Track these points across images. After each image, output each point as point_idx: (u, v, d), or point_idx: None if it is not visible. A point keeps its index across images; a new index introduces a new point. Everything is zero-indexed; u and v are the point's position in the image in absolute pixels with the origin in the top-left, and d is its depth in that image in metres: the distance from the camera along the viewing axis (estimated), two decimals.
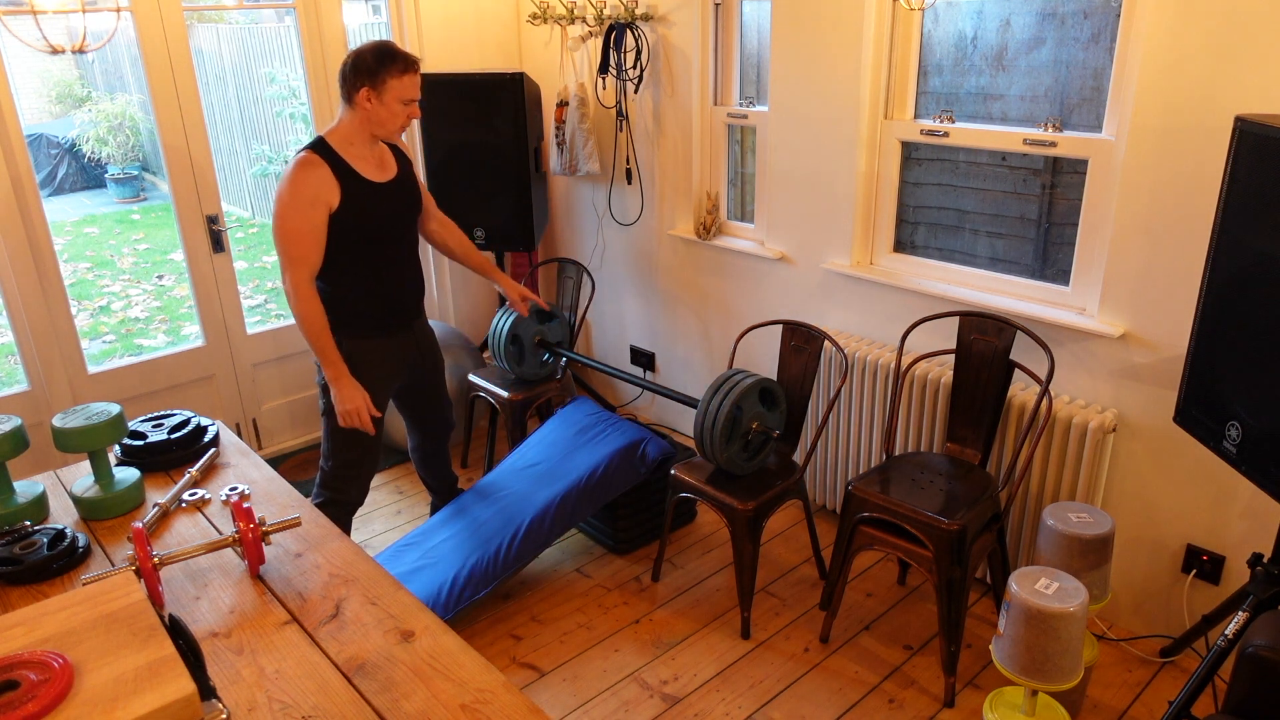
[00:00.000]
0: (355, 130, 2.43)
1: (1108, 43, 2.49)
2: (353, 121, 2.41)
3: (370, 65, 2.33)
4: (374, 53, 2.34)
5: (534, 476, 3.10)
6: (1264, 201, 1.82)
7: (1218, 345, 2.00)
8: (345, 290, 2.52)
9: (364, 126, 2.42)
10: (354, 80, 2.35)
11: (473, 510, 3.04)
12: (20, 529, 1.69)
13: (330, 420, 2.61)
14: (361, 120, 2.40)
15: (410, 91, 2.39)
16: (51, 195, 9.85)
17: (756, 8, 3.39)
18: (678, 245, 3.83)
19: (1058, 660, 2.00)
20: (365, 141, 2.46)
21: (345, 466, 2.66)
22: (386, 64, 2.33)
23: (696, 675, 2.60)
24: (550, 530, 2.87)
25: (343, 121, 2.42)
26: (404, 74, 2.36)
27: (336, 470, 2.66)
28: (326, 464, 2.67)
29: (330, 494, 2.68)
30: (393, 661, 1.40)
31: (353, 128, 2.42)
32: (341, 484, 2.67)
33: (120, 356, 5.72)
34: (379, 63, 2.33)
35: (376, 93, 2.35)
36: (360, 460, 2.67)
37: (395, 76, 2.35)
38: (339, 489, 2.68)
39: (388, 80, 2.35)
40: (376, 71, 2.33)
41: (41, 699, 1.01)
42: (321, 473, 2.70)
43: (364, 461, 2.68)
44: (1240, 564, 2.44)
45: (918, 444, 2.95)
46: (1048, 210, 2.74)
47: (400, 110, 2.40)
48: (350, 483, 2.68)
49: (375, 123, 2.40)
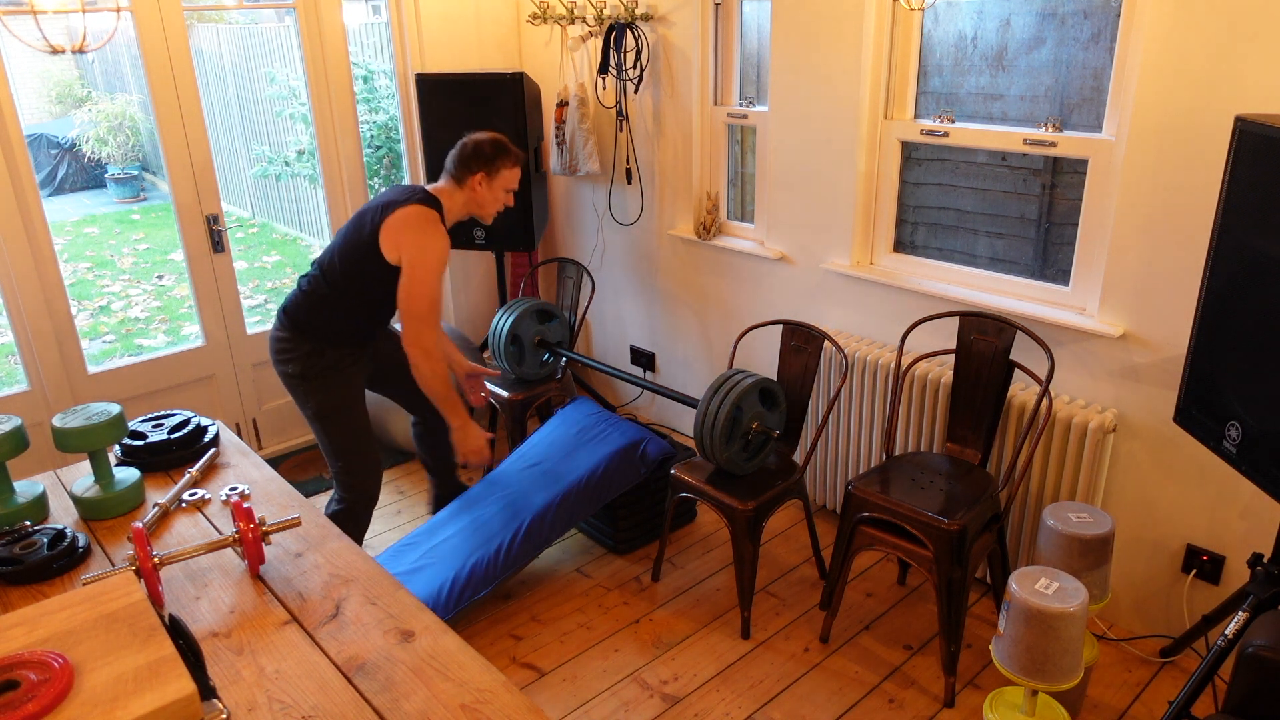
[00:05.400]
0: (458, 205, 2.66)
1: (1108, 43, 2.49)
2: (457, 197, 2.65)
3: (488, 154, 2.60)
4: (492, 144, 2.62)
5: (534, 476, 3.10)
6: (1264, 201, 1.82)
7: (1218, 345, 2.00)
8: (357, 313, 2.63)
9: (466, 204, 2.67)
10: (471, 165, 2.60)
11: (473, 510, 3.04)
12: (20, 529, 1.69)
13: (324, 423, 2.64)
14: (466, 199, 2.65)
15: (514, 182, 2.68)
16: (51, 195, 9.85)
17: (756, 8, 3.39)
18: (678, 245, 3.83)
19: (1058, 660, 2.00)
20: (457, 215, 2.69)
21: (355, 457, 2.69)
22: (502, 156, 2.62)
23: (696, 675, 2.60)
24: (551, 530, 2.87)
25: (447, 192, 2.64)
26: (514, 167, 2.66)
27: (349, 465, 2.70)
28: (337, 463, 2.69)
29: (351, 494, 2.72)
30: (393, 661, 1.40)
31: (455, 202, 2.65)
32: (359, 477, 2.71)
33: (120, 356, 5.72)
34: (496, 154, 2.61)
35: (489, 179, 2.62)
36: (366, 446, 2.71)
37: (508, 168, 2.64)
38: (358, 484, 2.72)
39: (501, 170, 2.63)
40: (493, 160, 2.61)
41: (41, 699, 1.01)
42: (336, 475, 2.72)
43: (369, 446, 2.72)
44: (1240, 564, 2.44)
45: (918, 444, 2.95)
46: (1048, 210, 2.74)
47: (502, 197, 2.68)
48: (367, 474, 2.73)
49: (477, 204, 2.66)
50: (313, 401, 2.62)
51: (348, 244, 2.58)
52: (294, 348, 2.59)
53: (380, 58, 6.16)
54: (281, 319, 2.65)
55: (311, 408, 2.63)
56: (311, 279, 2.64)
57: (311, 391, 2.61)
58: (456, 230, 3.78)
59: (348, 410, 2.65)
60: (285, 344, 2.61)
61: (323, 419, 2.64)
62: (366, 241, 2.51)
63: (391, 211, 2.50)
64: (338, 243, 2.63)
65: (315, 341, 2.59)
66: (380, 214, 2.51)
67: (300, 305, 2.62)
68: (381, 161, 6.17)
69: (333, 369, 2.61)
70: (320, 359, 2.60)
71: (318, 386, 2.61)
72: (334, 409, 2.63)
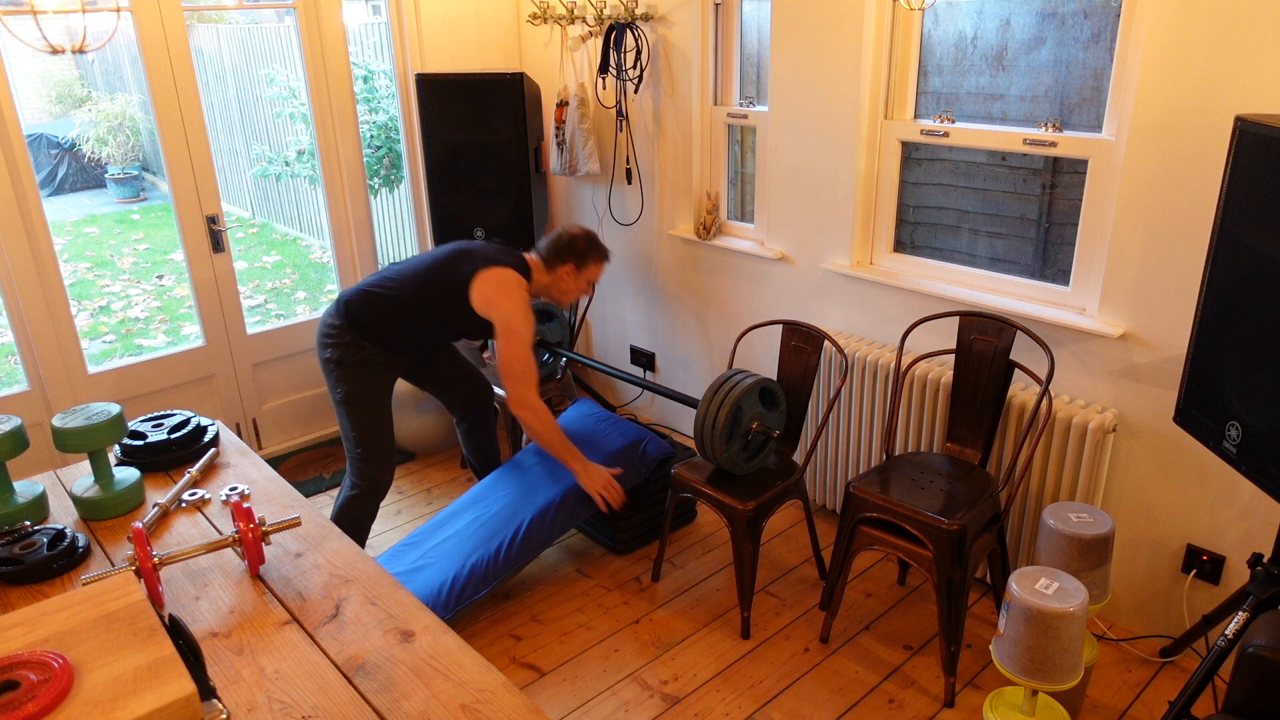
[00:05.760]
0: (542, 283, 2.88)
1: (1108, 43, 2.49)
2: (544, 277, 2.86)
3: (581, 250, 2.83)
4: (586, 240, 2.85)
5: (536, 476, 3.10)
6: (1264, 202, 1.82)
7: (1218, 345, 2.00)
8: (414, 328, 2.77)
9: (550, 286, 2.88)
10: (564, 255, 2.82)
11: (474, 509, 3.04)
12: (20, 529, 1.69)
13: (350, 409, 2.76)
14: (551, 282, 2.86)
15: (598, 276, 2.93)
16: (51, 195, 9.85)
17: (756, 8, 3.39)
18: (678, 245, 3.83)
19: (1058, 660, 2.00)
20: (538, 292, 2.91)
21: (374, 446, 2.81)
22: (593, 253, 2.87)
23: (696, 675, 2.60)
24: (551, 529, 2.87)
25: (538, 267, 2.84)
26: (600, 264, 2.90)
27: (367, 453, 2.81)
28: (358, 449, 2.81)
29: (366, 481, 2.83)
30: (393, 661, 1.40)
31: (541, 281, 2.87)
32: (375, 465, 2.83)
33: (120, 356, 5.72)
34: (588, 250, 2.85)
35: (577, 271, 2.85)
36: (385, 439, 2.83)
37: (595, 264, 2.88)
38: (372, 471, 2.83)
39: (589, 265, 2.87)
40: (585, 256, 2.84)
41: (41, 699, 1.01)
42: (354, 461, 2.83)
43: (388, 439, 2.84)
44: (1240, 564, 2.44)
45: (918, 444, 2.95)
46: (1048, 210, 2.74)
47: (585, 288, 2.92)
48: (383, 464, 2.84)
49: (561, 290, 2.88)
50: (343, 388, 2.75)
51: (437, 272, 2.73)
52: (339, 336, 2.73)
53: (380, 58, 6.16)
54: (340, 308, 2.77)
55: (341, 393, 2.76)
56: (384, 281, 2.78)
57: (343, 379, 2.74)
58: (456, 229, 3.78)
59: (374, 402, 2.78)
60: (333, 331, 2.75)
61: (349, 405, 2.76)
62: (457, 282, 2.69)
63: (490, 266, 2.68)
64: (425, 263, 2.78)
65: (361, 336, 2.73)
66: (480, 263, 2.70)
67: (362, 301, 2.74)
68: (381, 161, 6.16)
69: (367, 363, 2.74)
70: (360, 352, 2.73)
71: (350, 375, 2.74)
72: (361, 399, 2.76)
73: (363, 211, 3.96)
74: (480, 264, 2.68)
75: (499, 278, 2.66)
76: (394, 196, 6.42)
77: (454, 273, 2.70)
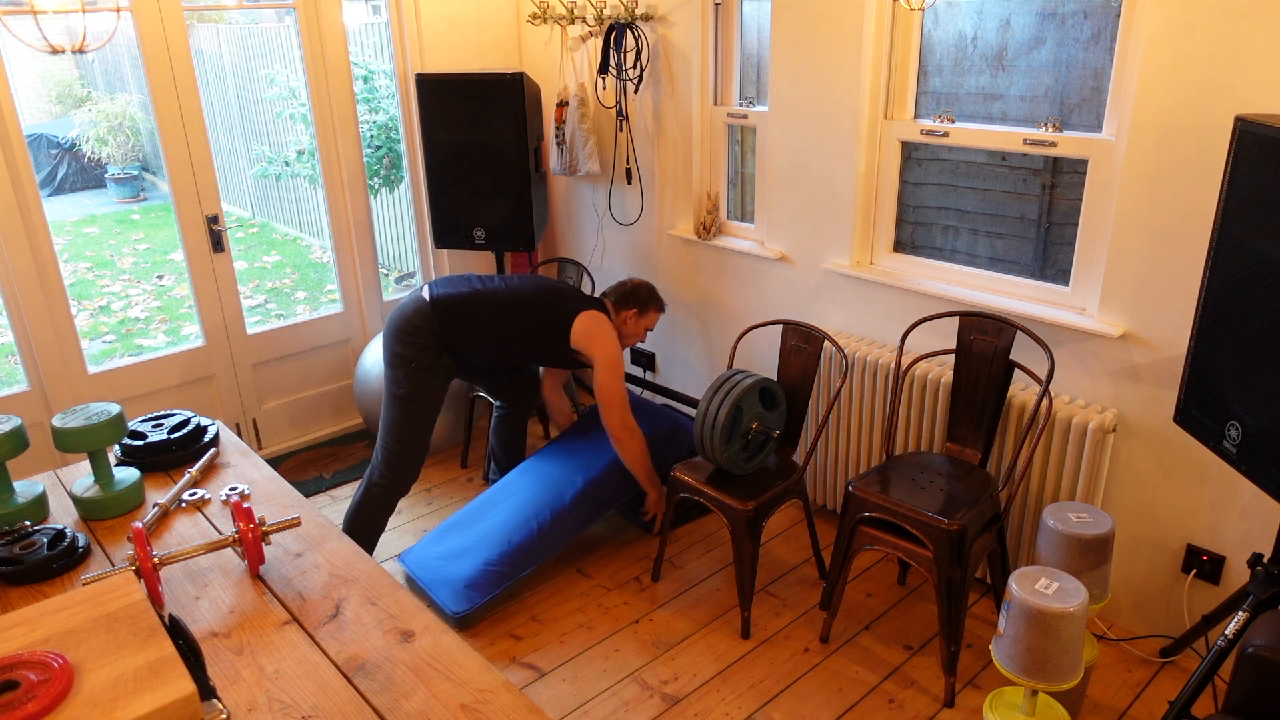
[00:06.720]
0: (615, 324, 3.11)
1: (1108, 43, 2.49)
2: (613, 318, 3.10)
3: (644, 298, 3.10)
4: (648, 290, 3.13)
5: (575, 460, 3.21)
6: (1264, 202, 1.82)
7: (1218, 345, 2.00)
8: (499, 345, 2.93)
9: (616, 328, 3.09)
10: (630, 301, 3.09)
11: (513, 491, 3.15)
12: (20, 529, 1.69)
13: (405, 405, 2.87)
14: (617, 324, 3.09)
15: (654, 324, 3.18)
16: (51, 195, 9.85)
17: (756, 8, 3.39)
18: (678, 245, 3.83)
19: (1058, 660, 2.00)
20: None
21: (411, 447, 2.91)
22: (654, 304, 3.14)
23: (696, 675, 2.60)
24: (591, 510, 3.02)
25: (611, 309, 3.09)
26: (658, 313, 3.16)
27: (402, 450, 2.91)
28: (398, 445, 2.90)
29: (393, 476, 2.92)
30: (392, 661, 1.40)
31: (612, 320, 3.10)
32: (406, 462, 2.92)
33: (120, 356, 5.72)
34: (649, 299, 3.12)
35: (640, 317, 3.11)
36: (423, 443, 2.94)
37: (654, 313, 3.15)
38: (404, 468, 2.92)
39: (650, 313, 3.13)
40: (646, 304, 3.11)
41: (41, 699, 1.01)
42: (387, 454, 2.92)
43: (425, 444, 2.95)
44: (1240, 564, 2.44)
45: (918, 444, 2.95)
46: (1048, 210, 2.74)
47: (642, 333, 3.16)
48: (412, 464, 2.94)
49: (623, 333, 3.11)
50: (407, 385, 2.86)
51: (540, 308, 2.92)
52: (421, 339, 2.85)
53: (380, 58, 6.16)
54: (434, 314, 2.86)
55: (404, 390, 2.87)
56: (481, 303, 2.90)
57: (410, 377, 2.86)
58: (456, 229, 3.78)
59: (431, 406, 2.91)
60: (418, 333, 2.86)
61: (406, 403, 2.87)
62: (557, 317, 2.91)
63: (589, 308, 2.94)
64: (527, 285, 2.97)
65: (443, 345, 2.86)
66: (583, 304, 2.95)
67: (455, 318, 2.86)
68: (381, 161, 6.16)
69: (437, 368, 2.88)
70: (437, 359, 2.87)
71: (418, 376, 2.86)
72: (421, 401, 2.88)
73: (363, 211, 3.97)
74: (579, 304, 2.94)
75: (597, 319, 2.93)
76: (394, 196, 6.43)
77: (557, 310, 2.92)
